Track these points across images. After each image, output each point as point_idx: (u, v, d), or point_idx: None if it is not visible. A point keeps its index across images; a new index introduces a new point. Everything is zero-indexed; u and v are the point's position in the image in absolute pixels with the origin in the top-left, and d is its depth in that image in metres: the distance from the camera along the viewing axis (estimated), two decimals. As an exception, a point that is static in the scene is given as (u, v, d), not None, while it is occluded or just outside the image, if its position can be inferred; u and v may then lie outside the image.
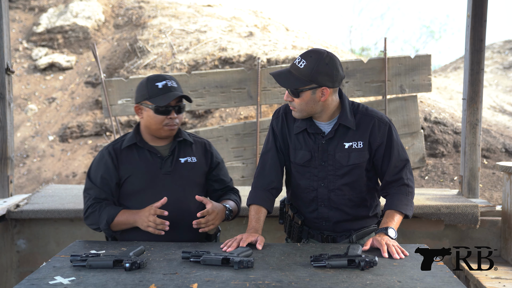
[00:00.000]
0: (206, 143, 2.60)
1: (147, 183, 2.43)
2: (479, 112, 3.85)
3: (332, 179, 2.35)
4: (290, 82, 2.24)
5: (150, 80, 2.42)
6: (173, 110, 2.40)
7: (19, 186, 7.01)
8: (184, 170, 2.47)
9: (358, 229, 2.43)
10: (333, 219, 2.40)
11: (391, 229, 2.24)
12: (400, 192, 2.33)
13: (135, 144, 2.47)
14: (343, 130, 2.33)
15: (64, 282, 1.81)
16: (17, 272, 3.59)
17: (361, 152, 2.32)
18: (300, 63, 2.22)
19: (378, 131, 2.33)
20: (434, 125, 6.30)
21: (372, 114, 2.35)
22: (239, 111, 7.06)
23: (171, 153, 2.47)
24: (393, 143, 2.34)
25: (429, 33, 19.63)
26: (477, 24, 3.81)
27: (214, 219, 2.34)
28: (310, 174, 2.38)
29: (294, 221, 2.47)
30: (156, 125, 2.41)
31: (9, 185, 3.83)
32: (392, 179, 2.34)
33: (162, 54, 8.22)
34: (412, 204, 2.35)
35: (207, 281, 1.82)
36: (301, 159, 2.37)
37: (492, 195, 5.33)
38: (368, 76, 5.18)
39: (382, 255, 2.10)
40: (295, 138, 2.39)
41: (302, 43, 8.47)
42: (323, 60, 2.21)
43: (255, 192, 2.42)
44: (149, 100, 2.40)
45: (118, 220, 2.37)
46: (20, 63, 9.00)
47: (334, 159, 2.34)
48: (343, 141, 2.33)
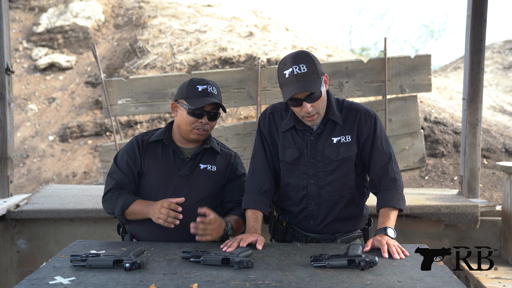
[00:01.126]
0: (232, 154, 2.59)
1: (161, 180, 2.44)
2: (479, 112, 3.85)
3: (322, 175, 2.36)
4: (316, 87, 2.22)
5: (193, 81, 2.44)
6: (206, 115, 2.41)
7: (19, 186, 7.01)
8: (201, 176, 2.47)
9: (343, 233, 2.44)
10: (321, 217, 2.40)
11: (390, 228, 2.24)
12: (389, 188, 2.34)
13: (162, 141, 2.49)
14: (331, 125, 2.35)
15: (64, 282, 1.81)
16: (17, 272, 3.59)
17: (349, 146, 2.34)
18: (302, 68, 2.21)
19: (364, 124, 2.35)
20: (434, 125, 6.30)
21: (357, 107, 2.38)
22: (239, 111, 7.06)
23: (193, 157, 2.48)
24: (377, 135, 2.36)
25: (429, 32, 19.64)
26: (477, 24, 3.81)
27: (213, 230, 2.27)
28: (300, 172, 2.38)
29: (279, 223, 2.48)
30: (187, 126, 2.42)
31: (9, 185, 3.83)
32: (379, 172, 2.36)
33: (162, 54, 8.22)
34: (403, 197, 2.36)
35: (207, 281, 1.82)
36: (290, 157, 2.38)
37: (492, 195, 5.33)
38: (368, 76, 5.18)
39: (383, 255, 2.10)
40: (283, 137, 2.40)
41: (302, 43, 8.47)
42: (310, 55, 2.25)
43: (249, 197, 2.42)
44: (186, 100, 2.41)
45: (132, 209, 2.37)
46: (20, 63, 9.00)
47: (323, 155, 2.35)
48: (331, 136, 2.34)
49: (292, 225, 2.47)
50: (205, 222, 2.25)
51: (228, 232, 2.35)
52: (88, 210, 3.45)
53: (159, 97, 5.11)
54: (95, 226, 3.53)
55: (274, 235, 2.53)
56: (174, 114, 2.49)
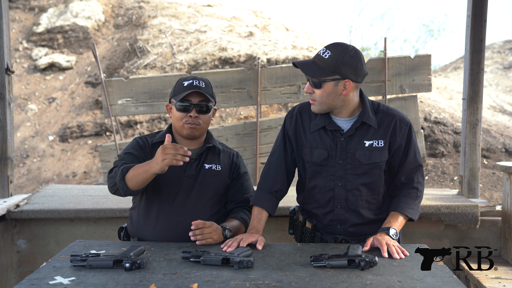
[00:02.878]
0: (234, 154, 2.59)
1: (168, 183, 2.42)
2: (479, 112, 3.84)
3: (351, 178, 2.31)
4: (314, 72, 2.21)
5: (180, 79, 2.46)
6: (194, 108, 2.38)
7: (19, 186, 7.01)
8: (207, 176, 2.46)
9: (371, 234, 2.37)
10: (348, 222, 2.35)
11: (393, 229, 2.23)
12: (408, 195, 2.32)
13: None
14: (364, 128, 2.30)
15: (64, 282, 1.81)
16: (17, 272, 3.59)
17: (381, 151, 2.30)
18: (325, 53, 2.20)
19: (399, 130, 2.31)
20: (434, 125, 6.30)
21: (393, 113, 2.33)
22: (239, 111, 7.06)
23: (197, 157, 2.47)
24: (411, 145, 2.33)
25: (428, 32, 19.63)
26: (477, 24, 3.80)
27: (211, 233, 2.26)
28: (327, 174, 2.34)
29: (306, 227, 2.42)
30: (178, 122, 2.41)
31: (9, 185, 3.83)
32: (404, 180, 2.33)
33: (162, 54, 8.22)
34: (418, 208, 2.33)
35: (207, 281, 1.82)
36: (317, 157, 2.33)
37: (492, 195, 5.33)
38: (368, 76, 5.15)
39: (382, 254, 2.10)
40: (311, 137, 2.35)
41: (302, 43, 8.47)
42: (348, 52, 2.20)
43: (259, 194, 2.41)
44: (174, 98, 2.43)
45: (132, 172, 2.27)
46: (20, 63, 9.00)
47: (353, 158, 2.30)
48: (363, 139, 2.30)
49: (319, 229, 2.42)
50: (199, 226, 2.24)
51: (227, 236, 2.33)
52: (88, 210, 3.45)
53: (159, 97, 5.12)
54: (95, 226, 3.53)
55: (302, 240, 2.48)
56: (170, 115, 2.50)
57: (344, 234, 2.38)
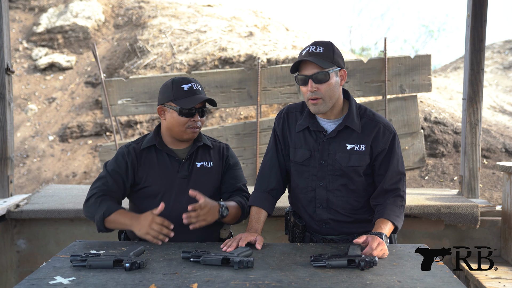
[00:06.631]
0: (224, 146, 2.59)
1: (164, 186, 2.42)
2: (479, 112, 3.85)
3: (331, 179, 2.34)
4: (324, 63, 2.22)
5: (175, 82, 2.42)
6: (197, 112, 2.41)
7: (19, 186, 7.02)
8: (200, 174, 2.47)
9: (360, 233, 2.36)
10: (332, 222, 2.38)
11: (385, 236, 2.19)
12: (394, 203, 2.31)
13: (154, 146, 2.47)
14: (347, 132, 2.33)
15: (64, 282, 1.81)
16: (17, 272, 3.59)
17: (362, 156, 2.31)
18: (318, 49, 2.23)
19: (382, 137, 2.32)
20: (434, 125, 6.30)
21: (378, 120, 2.35)
22: (239, 111, 7.06)
23: (188, 157, 2.47)
24: (394, 152, 2.34)
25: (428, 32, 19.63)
26: (477, 24, 3.81)
27: (206, 214, 2.27)
28: (309, 174, 2.37)
29: (296, 227, 2.45)
30: (179, 127, 2.40)
31: (9, 185, 3.83)
32: (388, 188, 2.33)
33: (162, 54, 8.23)
34: (402, 217, 2.32)
35: (207, 281, 1.82)
36: (300, 157, 2.37)
37: (492, 195, 5.33)
38: (368, 76, 5.18)
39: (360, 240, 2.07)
40: (295, 137, 2.40)
41: (302, 43, 8.47)
42: (333, 44, 2.28)
43: (256, 194, 2.44)
44: (174, 102, 2.40)
45: (114, 217, 2.33)
46: (20, 63, 9.00)
47: (334, 159, 2.33)
48: (345, 142, 2.32)
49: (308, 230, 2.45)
50: (196, 208, 2.25)
51: (223, 214, 2.33)
52: (88, 210, 3.45)
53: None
54: (95, 226, 3.53)
55: (293, 240, 2.50)
56: (162, 118, 2.46)
57: (332, 235, 2.40)
